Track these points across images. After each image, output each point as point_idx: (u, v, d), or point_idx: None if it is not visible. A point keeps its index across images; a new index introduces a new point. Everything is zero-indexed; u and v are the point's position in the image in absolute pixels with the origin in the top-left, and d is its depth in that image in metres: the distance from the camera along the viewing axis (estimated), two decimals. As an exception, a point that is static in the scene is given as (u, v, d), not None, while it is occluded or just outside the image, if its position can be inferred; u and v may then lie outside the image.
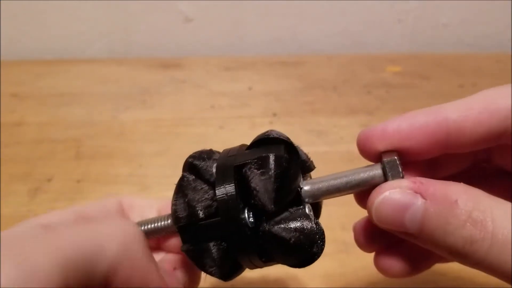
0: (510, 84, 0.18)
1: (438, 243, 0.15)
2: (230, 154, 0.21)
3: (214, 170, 0.20)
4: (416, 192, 0.15)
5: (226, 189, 0.18)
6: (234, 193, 0.18)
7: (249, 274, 0.27)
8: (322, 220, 0.32)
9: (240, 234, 0.18)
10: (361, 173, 0.17)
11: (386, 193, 0.16)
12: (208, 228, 0.18)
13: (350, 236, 0.30)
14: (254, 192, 0.18)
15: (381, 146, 0.18)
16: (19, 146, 0.43)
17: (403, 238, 0.16)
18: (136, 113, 0.49)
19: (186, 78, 0.58)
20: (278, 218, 0.18)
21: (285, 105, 0.51)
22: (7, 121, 0.47)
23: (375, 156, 0.18)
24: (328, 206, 0.33)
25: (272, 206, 0.17)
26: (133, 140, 0.43)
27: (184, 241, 0.19)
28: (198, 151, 0.21)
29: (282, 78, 0.58)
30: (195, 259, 0.19)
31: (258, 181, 0.18)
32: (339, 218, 0.32)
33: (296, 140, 0.45)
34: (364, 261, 0.28)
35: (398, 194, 0.15)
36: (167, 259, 0.21)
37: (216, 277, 0.19)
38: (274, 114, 0.49)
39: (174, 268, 0.20)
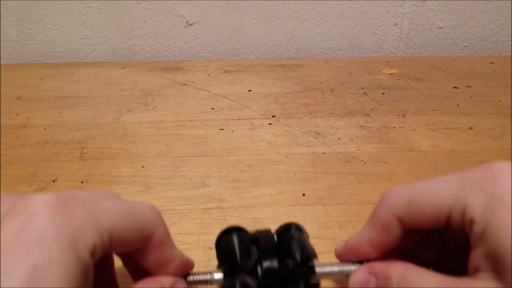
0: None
1: None
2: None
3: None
4: (370, 273, 0.22)
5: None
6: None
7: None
8: (321, 218, 0.33)
9: None
10: (350, 266, 0.24)
11: (355, 276, 0.23)
12: None
13: (347, 235, 0.31)
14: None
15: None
16: (24, 148, 0.44)
17: None
18: (139, 115, 0.50)
19: (187, 81, 0.59)
20: None
21: (283, 107, 0.52)
22: (12, 123, 0.48)
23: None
24: (326, 205, 0.34)
25: None
26: (135, 142, 0.44)
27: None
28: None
29: (281, 80, 0.59)
30: None
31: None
32: (337, 216, 0.33)
33: (295, 141, 0.47)
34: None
35: (361, 275, 0.22)
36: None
37: None
38: (273, 116, 0.49)
39: None
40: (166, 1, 0.66)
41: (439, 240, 0.24)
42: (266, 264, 0.22)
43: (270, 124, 0.48)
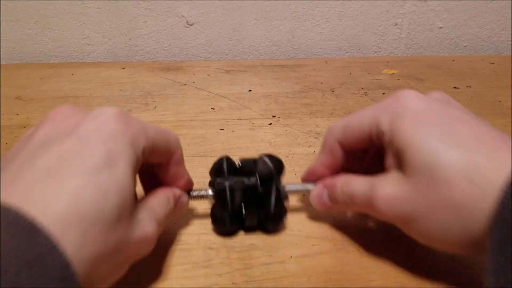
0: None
1: (338, 204, 0.29)
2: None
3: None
4: (323, 187, 0.30)
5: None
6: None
7: (248, 272, 0.28)
8: (317, 218, 0.33)
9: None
10: (309, 185, 0.32)
11: (313, 191, 0.31)
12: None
13: (348, 234, 0.31)
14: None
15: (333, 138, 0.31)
16: (24, 148, 0.44)
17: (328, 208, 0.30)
18: (139, 116, 0.50)
19: (187, 81, 0.59)
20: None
21: (284, 107, 0.52)
22: (12, 123, 0.48)
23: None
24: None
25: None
26: (136, 142, 0.44)
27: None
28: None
29: (281, 80, 0.59)
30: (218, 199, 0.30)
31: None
32: (338, 217, 0.33)
33: (295, 141, 0.47)
34: (362, 259, 0.29)
35: (317, 189, 0.31)
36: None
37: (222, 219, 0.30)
38: (273, 116, 0.49)
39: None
40: (166, 1, 0.66)
41: (368, 155, 0.31)
42: (248, 181, 0.30)
43: (270, 124, 0.48)
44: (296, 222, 0.32)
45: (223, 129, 0.47)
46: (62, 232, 0.18)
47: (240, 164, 0.31)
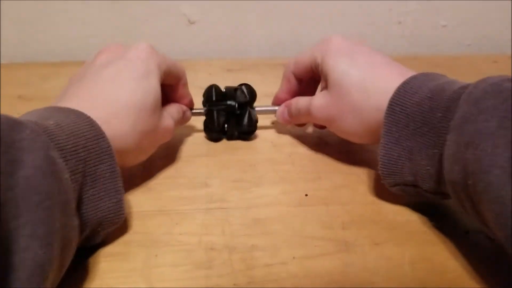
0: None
1: (293, 118, 0.42)
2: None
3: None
4: (285, 106, 0.43)
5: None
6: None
7: (249, 273, 0.27)
8: (324, 219, 0.33)
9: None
10: (275, 107, 0.44)
11: (278, 111, 0.44)
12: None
13: (351, 236, 0.31)
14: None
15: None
16: (25, 147, 0.44)
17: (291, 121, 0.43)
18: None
19: (189, 80, 0.59)
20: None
21: (286, 107, 0.51)
22: (14, 122, 0.48)
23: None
24: (329, 205, 0.34)
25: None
26: (137, 141, 0.44)
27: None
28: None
29: (283, 79, 0.59)
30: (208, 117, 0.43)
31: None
32: (340, 217, 0.33)
33: (297, 141, 0.46)
34: (365, 261, 0.29)
35: (280, 109, 0.43)
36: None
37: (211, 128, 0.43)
38: (276, 115, 0.49)
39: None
40: (167, 0, 0.66)
41: (315, 83, 0.42)
42: (230, 102, 0.43)
43: (273, 123, 0.48)
44: (298, 222, 0.32)
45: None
46: (126, 114, 0.31)
47: (224, 90, 0.44)
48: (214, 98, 0.42)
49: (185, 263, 0.28)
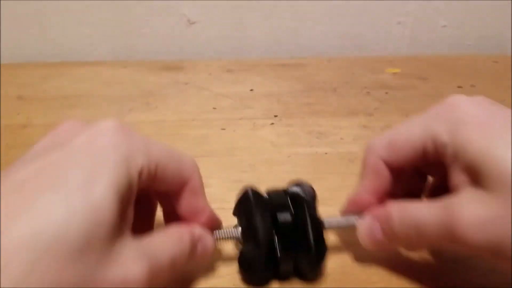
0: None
1: (396, 239, 0.25)
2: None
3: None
4: (373, 219, 0.25)
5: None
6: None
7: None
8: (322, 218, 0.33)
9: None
10: (354, 217, 0.27)
11: (361, 225, 0.26)
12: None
13: (350, 235, 0.31)
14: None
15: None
16: (25, 147, 0.43)
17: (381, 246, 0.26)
18: (140, 115, 0.50)
19: (188, 81, 0.59)
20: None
21: (286, 107, 0.51)
22: (13, 123, 0.48)
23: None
24: (328, 206, 0.34)
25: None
26: (137, 142, 0.44)
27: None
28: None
29: (283, 80, 0.59)
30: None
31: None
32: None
33: (297, 141, 0.46)
34: (364, 261, 0.29)
35: (366, 222, 0.26)
36: None
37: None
38: (275, 116, 0.49)
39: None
40: (167, 0, 0.66)
41: (422, 177, 0.28)
42: (281, 217, 0.25)
43: (272, 124, 0.47)
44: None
45: (224, 129, 0.46)
46: (10, 257, 0.16)
47: (268, 196, 0.26)
48: (253, 210, 0.25)
49: (185, 263, 0.28)
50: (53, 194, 0.18)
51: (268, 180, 0.37)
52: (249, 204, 0.25)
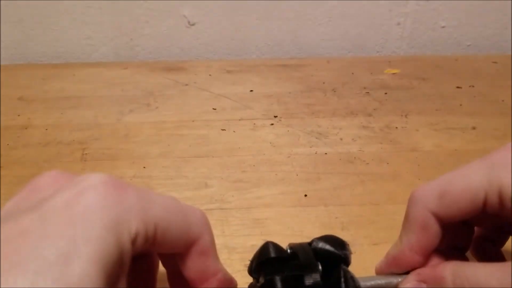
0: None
1: None
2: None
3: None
4: (419, 281, 0.21)
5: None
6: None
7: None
8: (323, 219, 0.33)
9: None
10: (395, 278, 0.23)
11: (407, 285, 0.22)
12: None
13: (350, 236, 0.31)
14: None
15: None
16: (25, 148, 0.44)
17: None
18: (141, 116, 0.50)
19: (189, 81, 0.59)
20: None
21: (285, 107, 0.52)
22: (14, 124, 0.48)
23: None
24: (328, 206, 0.34)
25: None
26: (137, 142, 0.44)
27: None
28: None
29: (283, 80, 0.59)
30: None
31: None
32: (339, 217, 0.33)
33: (297, 141, 0.46)
34: (364, 261, 0.29)
35: (410, 285, 0.22)
36: None
37: None
38: (275, 116, 0.49)
39: None
40: (168, 1, 0.66)
41: (469, 228, 0.24)
42: (309, 280, 0.21)
43: (272, 124, 0.48)
44: (298, 222, 0.32)
45: (224, 130, 0.47)
46: None
47: (290, 251, 0.22)
48: (274, 270, 0.21)
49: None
50: (19, 275, 0.14)
51: (268, 180, 0.37)
52: (268, 261, 0.21)
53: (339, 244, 0.22)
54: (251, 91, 0.56)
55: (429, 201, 0.22)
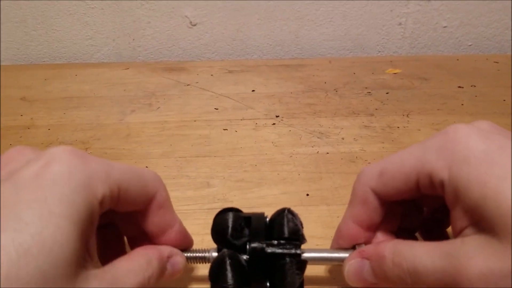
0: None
1: (388, 282, 0.22)
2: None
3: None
4: (362, 257, 0.23)
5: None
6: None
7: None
8: (325, 219, 0.33)
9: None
10: (341, 252, 0.24)
11: (349, 263, 0.23)
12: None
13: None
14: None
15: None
16: (29, 148, 0.44)
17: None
18: (143, 116, 0.50)
19: (191, 81, 0.59)
20: None
21: (287, 107, 0.52)
22: (17, 124, 0.48)
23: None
24: (330, 205, 0.34)
25: None
26: (139, 142, 0.44)
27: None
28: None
29: (284, 80, 0.59)
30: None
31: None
32: (341, 216, 0.33)
33: (298, 141, 0.46)
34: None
35: (354, 262, 0.23)
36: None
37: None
38: (277, 116, 0.49)
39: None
40: (169, 2, 0.66)
41: (418, 209, 0.26)
42: (253, 244, 0.23)
43: (274, 124, 0.48)
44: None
45: (226, 129, 0.47)
46: None
47: (246, 219, 0.25)
48: (230, 234, 0.24)
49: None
50: (1, 232, 0.16)
51: (270, 180, 0.37)
52: (225, 227, 0.24)
53: (292, 218, 0.24)
54: (253, 91, 0.56)
55: (370, 178, 0.24)
